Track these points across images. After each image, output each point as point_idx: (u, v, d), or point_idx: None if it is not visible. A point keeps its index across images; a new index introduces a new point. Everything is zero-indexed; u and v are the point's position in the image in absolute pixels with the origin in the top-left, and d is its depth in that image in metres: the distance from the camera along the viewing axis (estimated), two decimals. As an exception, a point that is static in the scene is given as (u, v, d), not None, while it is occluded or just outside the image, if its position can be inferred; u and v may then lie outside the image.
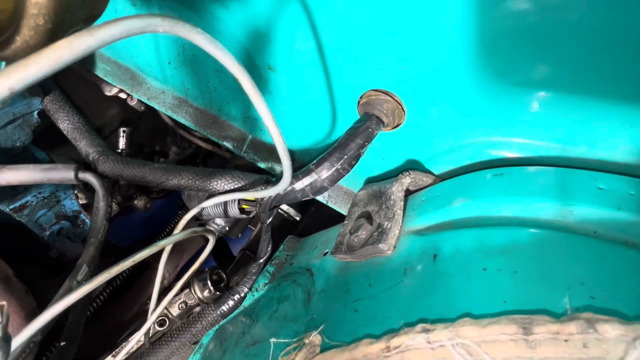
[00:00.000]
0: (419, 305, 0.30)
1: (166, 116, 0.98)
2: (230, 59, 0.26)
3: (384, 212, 0.47)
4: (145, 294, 1.07)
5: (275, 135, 0.33)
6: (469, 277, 0.30)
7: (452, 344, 0.23)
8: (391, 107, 0.47)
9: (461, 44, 0.39)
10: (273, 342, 0.39)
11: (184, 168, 0.54)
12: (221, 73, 0.58)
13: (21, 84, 0.15)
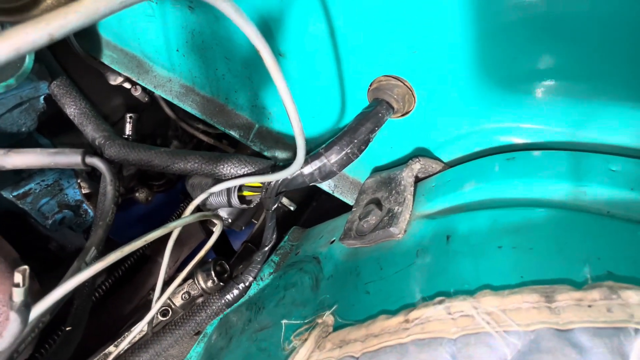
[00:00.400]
0: (435, 282, 0.30)
1: (169, 109, 0.97)
2: (252, 28, 0.26)
3: (394, 198, 0.47)
4: (145, 287, 1.06)
5: (291, 112, 0.33)
6: (484, 255, 0.30)
7: (476, 312, 0.23)
8: (402, 92, 0.47)
9: (470, 32, 0.40)
10: (284, 324, 0.39)
11: (190, 152, 0.54)
12: (230, 60, 0.58)
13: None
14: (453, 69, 0.44)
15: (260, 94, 0.61)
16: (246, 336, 0.52)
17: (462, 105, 0.46)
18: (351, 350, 0.29)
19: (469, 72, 0.43)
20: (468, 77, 0.44)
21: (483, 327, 0.22)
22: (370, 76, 0.48)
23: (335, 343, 0.31)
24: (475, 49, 0.42)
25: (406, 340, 0.25)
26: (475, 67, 0.43)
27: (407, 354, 0.24)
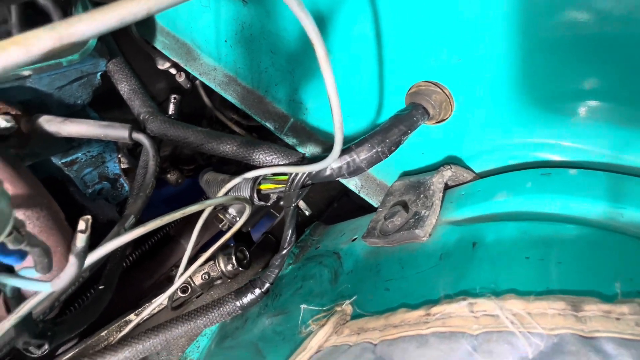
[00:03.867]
0: (459, 282, 0.30)
1: (206, 97, 1.02)
2: (310, 21, 0.28)
3: (421, 202, 0.47)
4: (165, 265, 1.10)
5: (334, 105, 0.34)
6: (510, 263, 0.31)
7: (501, 311, 0.23)
8: (440, 99, 0.48)
9: (517, 46, 0.40)
10: (303, 308, 0.41)
11: (226, 134, 0.57)
12: (275, 54, 0.61)
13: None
14: (495, 81, 0.44)
15: (300, 89, 0.63)
16: (262, 319, 0.54)
17: (501, 118, 0.46)
18: (369, 337, 0.30)
19: (511, 85, 0.44)
20: (510, 91, 0.44)
21: (506, 327, 0.23)
22: (410, 80, 0.49)
23: (353, 330, 0.32)
24: (521, 63, 0.42)
25: (426, 332, 0.26)
26: (519, 81, 0.43)
27: (427, 344, 0.25)
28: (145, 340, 0.54)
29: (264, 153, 0.53)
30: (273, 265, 0.57)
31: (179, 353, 0.75)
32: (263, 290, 0.56)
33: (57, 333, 0.44)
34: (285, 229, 0.55)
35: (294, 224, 0.55)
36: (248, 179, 0.55)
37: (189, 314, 0.57)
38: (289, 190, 0.52)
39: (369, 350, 0.28)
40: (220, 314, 0.56)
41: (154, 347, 0.54)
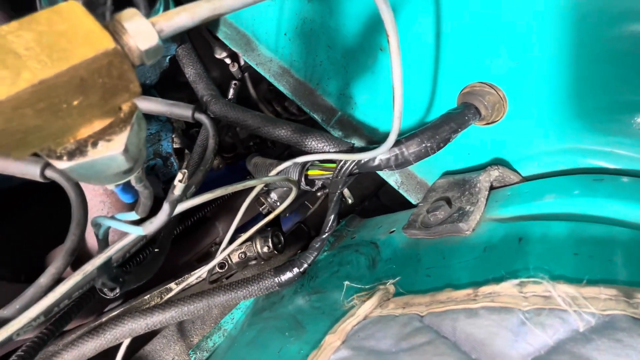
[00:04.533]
0: (506, 268, 0.32)
1: (252, 90, 1.07)
2: (390, 14, 0.30)
3: (466, 198, 0.49)
4: (201, 244, 1.16)
5: (397, 95, 0.37)
6: (559, 258, 0.32)
7: (553, 289, 0.25)
8: (493, 100, 0.49)
9: (577, 53, 0.41)
10: (346, 285, 0.43)
11: (281, 120, 0.60)
12: (332, 49, 0.64)
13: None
14: (551, 86, 0.45)
15: (351, 84, 0.65)
16: (298, 297, 0.57)
17: (553, 123, 0.47)
18: (416, 310, 0.32)
19: (567, 92, 0.44)
20: (565, 97, 0.45)
21: (558, 305, 0.24)
22: (463, 81, 0.51)
23: (398, 304, 0.34)
24: (578, 71, 0.42)
25: (475, 306, 0.28)
26: (575, 88, 0.44)
27: (477, 315, 0.27)
28: (190, 303, 0.58)
29: (315, 140, 0.56)
30: (312, 247, 0.59)
31: (212, 324, 0.80)
32: (301, 270, 0.59)
33: (126, 281, 0.49)
34: (328, 214, 0.58)
35: (337, 210, 0.57)
36: (297, 164, 0.58)
37: (230, 284, 0.61)
38: (335, 177, 0.55)
39: (416, 320, 0.30)
40: (259, 287, 0.59)
41: (197, 311, 0.58)
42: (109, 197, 0.54)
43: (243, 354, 0.48)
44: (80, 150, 0.18)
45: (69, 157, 0.18)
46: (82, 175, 0.19)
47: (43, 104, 0.15)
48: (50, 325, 0.50)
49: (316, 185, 0.62)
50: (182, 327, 0.78)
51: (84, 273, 0.34)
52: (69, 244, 0.42)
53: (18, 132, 0.15)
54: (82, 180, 0.20)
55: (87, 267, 0.34)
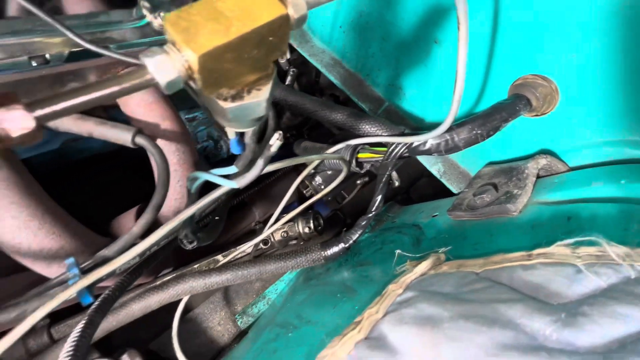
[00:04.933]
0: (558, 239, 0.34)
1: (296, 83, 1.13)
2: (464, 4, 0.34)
3: (513, 183, 0.52)
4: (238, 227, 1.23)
5: (459, 80, 0.40)
6: (608, 231, 0.34)
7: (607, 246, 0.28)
8: (545, 92, 0.51)
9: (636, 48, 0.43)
10: (398, 253, 0.47)
11: (337, 105, 0.65)
12: (386, 41, 0.68)
13: None
14: (607, 80, 0.47)
15: (402, 75, 0.69)
16: (345, 268, 0.61)
17: (606, 117, 0.49)
18: (471, 269, 0.35)
19: (623, 86, 0.46)
20: (621, 91, 0.47)
21: (613, 260, 0.27)
22: (516, 73, 0.53)
23: (452, 266, 0.38)
24: (635, 64, 0.44)
25: (530, 262, 0.31)
26: (631, 82, 0.46)
27: (533, 268, 0.30)
28: (243, 269, 0.64)
29: (369, 124, 0.61)
30: (358, 225, 0.64)
31: (254, 295, 0.86)
32: (346, 246, 0.63)
33: (201, 238, 0.55)
34: (376, 194, 0.62)
35: (385, 191, 0.61)
36: (350, 146, 0.62)
37: (280, 254, 0.66)
38: (386, 160, 0.59)
39: (473, 275, 0.34)
40: (307, 259, 0.64)
41: (249, 276, 0.64)
42: (181, 167, 0.61)
43: (297, 309, 0.53)
44: (240, 95, 0.23)
45: (232, 99, 0.23)
46: (235, 116, 0.24)
47: (236, 52, 0.20)
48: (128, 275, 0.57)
49: (364, 168, 0.66)
50: (227, 295, 0.84)
51: (180, 219, 0.39)
52: (155, 200, 0.49)
53: (216, 73, 0.20)
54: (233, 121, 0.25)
55: (182, 215, 0.40)
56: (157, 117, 0.58)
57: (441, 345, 0.24)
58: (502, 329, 0.24)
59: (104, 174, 0.88)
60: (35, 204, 0.46)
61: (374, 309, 0.33)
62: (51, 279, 0.42)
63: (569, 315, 0.23)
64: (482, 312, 0.26)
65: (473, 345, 0.23)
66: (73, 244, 0.49)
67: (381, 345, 0.27)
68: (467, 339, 0.24)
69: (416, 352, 0.25)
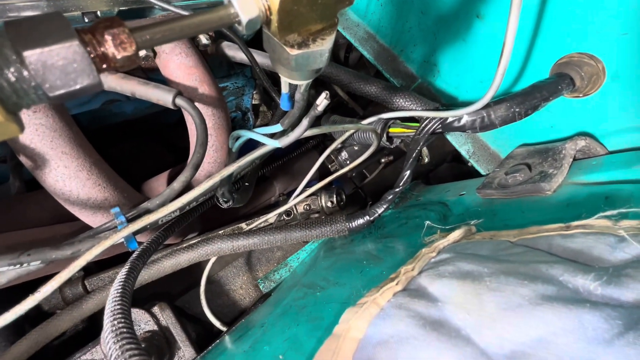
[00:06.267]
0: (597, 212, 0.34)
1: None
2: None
3: (548, 163, 0.51)
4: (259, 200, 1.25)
5: (506, 50, 0.40)
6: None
7: None
8: (591, 72, 0.50)
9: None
10: (427, 224, 0.47)
11: (372, 78, 0.65)
12: (424, 15, 0.66)
13: None
14: (658, 59, 0.45)
15: (438, 51, 0.68)
16: (369, 239, 0.62)
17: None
18: (505, 238, 0.35)
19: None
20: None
21: None
22: (562, 51, 0.52)
23: (485, 236, 0.38)
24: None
25: (569, 232, 0.31)
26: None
27: (573, 237, 0.30)
28: (270, 234, 0.66)
29: (403, 98, 0.60)
30: (385, 199, 0.64)
31: (275, 263, 0.89)
32: (371, 219, 0.65)
33: (235, 199, 0.57)
34: (405, 169, 0.62)
35: (414, 166, 0.61)
36: (381, 119, 0.62)
37: (305, 222, 0.68)
38: (418, 135, 0.59)
39: (508, 242, 0.34)
40: (332, 229, 0.65)
41: (275, 241, 0.66)
42: (215, 131, 0.63)
43: (324, 273, 0.55)
44: (305, 43, 0.24)
45: (298, 46, 0.24)
46: (298, 65, 0.25)
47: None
48: (163, 230, 0.59)
49: (394, 143, 0.66)
50: (250, 261, 0.88)
51: (222, 176, 0.41)
52: (194, 159, 0.50)
53: (291, 16, 0.21)
54: (295, 70, 0.26)
55: (225, 171, 0.41)
56: (195, 81, 0.60)
57: (483, 295, 0.25)
58: (544, 284, 0.24)
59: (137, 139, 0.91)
60: (84, 156, 0.48)
61: (409, 267, 0.35)
62: (101, 225, 0.44)
63: (612, 275, 0.23)
64: (522, 270, 0.27)
65: (516, 295, 0.24)
66: (116, 196, 0.51)
67: (421, 295, 0.28)
68: (510, 290, 0.25)
69: (458, 300, 0.26)
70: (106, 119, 0.87)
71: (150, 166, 0.91)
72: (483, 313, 0.24)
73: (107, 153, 0.89)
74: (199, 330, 0.73)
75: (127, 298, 0.36)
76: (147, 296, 0.80)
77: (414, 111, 0.59)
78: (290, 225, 0.69)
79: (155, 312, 0.65)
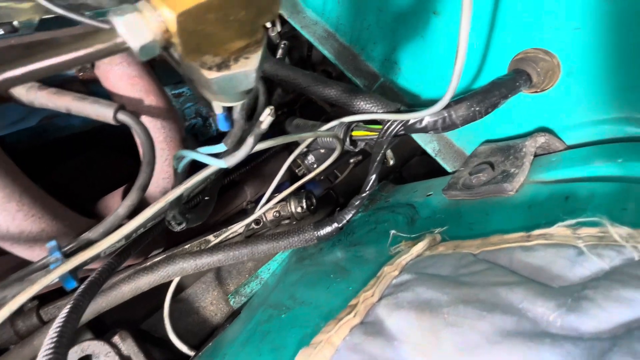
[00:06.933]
0: (555, 219, 0.34)
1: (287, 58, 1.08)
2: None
3: (510, 162, 0.50)
4: (230, 206, 1.21)
5: (460, 51, 0.38)
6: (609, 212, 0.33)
7: (610, 227, 0.27)
8: (547, 67, 0.49)
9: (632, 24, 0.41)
10: (392, 234, 0.46)
11: (331, 80, 0.62)
12: (382, 12, 0.64)
13: None
14: (611, 54, 0.45)
15: (398, 49, 0.66)
16: (337, 249, 0.60)
17: (609, 93, 0.47)
18: (468, 250, 0.34)
19: (625, 62, 0.44)
20: (624, 67, 0.45)
21: (615, 240, 0.26)
22: (518, 47, 0.51)
23: (448, 247, 0.37)
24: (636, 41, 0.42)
25: (530, 244, 0.30)
26: (632, 59, 0.44)
27: (533, 250, 0.29)
28: (235, 249, 0.63)
29: (364, 100, 0.58)
30: (352, 205, 0.63)
31: (247, 275, 0.86)
32: (339, 226, 0.63)
33: (190, 219, 0.53)
34: (370, 173, 0.60)
35: (379, 169, 0.60)
36: (344, 123, 0.60)
37: (272, 235, 0.65)
38: (381, 137, 0.57)
39: (470, 256, 0.33)
40: (300, 239, 0.63)
41: (241, 256, 0.63)
42: (167, 145, 0.58)
43: (291, 290, 0.52)
44: (226, 64, 0.21)
45: (217, 68, 0.21)
46: (221, 88, 0.22)
47: (220, 12, 0.17)
48: (115, 257, 0.55)
49: (358, 146, 0.64)
50: (220, 275, 0.84)
51: (166, 201, 0.37)
52: (141, 180, 0.46)
53: (198, 36, 0.18)
54: (220, 93, 0.22)
55: (169, 196, 0.38)
56: (140, 92, 0.55)
57: (441, 332, 0.24)
58: (503, 314, 0.23)
59: (88, 153, 0.85)
60: (11, 185, 0.43)
61: (369, 292, 0.33)
62: (33, 263, 0.40)
63: (572, 299, 0.22)
64: (482, 296, 0.25)
65: (474, 331, 0.23)
66: (55, 226, 0.47)
67: (378, 331, 0.26)
68: (467, 325, 0.23)
69: (415, 339, 0.25)
70: (51, 133, 0.80)
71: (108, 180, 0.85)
72: (440, 355, 0.23)
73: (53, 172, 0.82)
74: (167, 355, 0.69)
75: (62, 348, 0.32)
76: (111, 322, 0.75)
77: (375, 114, 0.58)
78: (256, 238, 0.66)
79: (116, 342, 0.61)
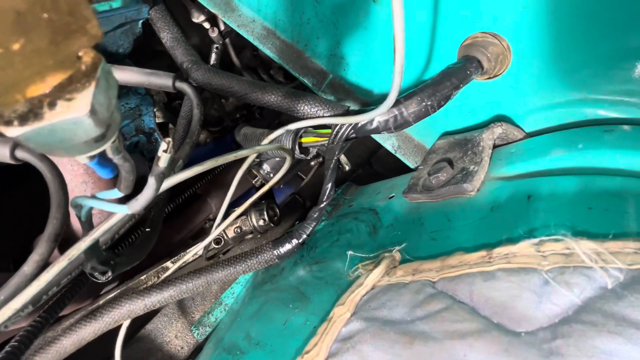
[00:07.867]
0: (517, 228, 0.30)
1: (235, 57, 1.01)
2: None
3: (469, 158, 0.47)
4: (193, 222, 1.14)
5: (398, 45, 0.33)
6: (572, 213, 0.30)
7: (577, 246, 0.23)
8: (496, 51, 0.46)
9: None
10: (350, 255, 0.42)
11: (270, 85, 0.56)
12: (320, 4, 0.59)
13: None
14: (560, 34, 0.42)
15: (342, 43, 0.61)
16: (299, 268, 0.56)
17: (562, 74, 0.44)
18: (426, 276, 0.30)
19: (576, 40, 0.41)
20: (575, 44, 0.42)
21: (582, 262, 0.23)
22: (465, 31, 0.47)
23: (407, 271, 0.33)
24: (586, 17, 0.39)
25: (491, 268, 0.26)
26: (583, 36, 0.41)
27: (495, 278, 0.26)
28: (188, 281, 0.57)
29: (308, 104, 0.53)
30: (310, 217, 0.58)
31: (212, 300, 0.80)
32: (300, 242, 0.58)
33: (118, 264, 0.47)
34: (325, 182, 0.55)
35: (334, 177, 0.55)
36: (290, 131, 0.55)
37: (228, 259, 0.59)
38: (331, 143, 0.52)
39: (429, 286, 0.29)
40: (259, 261, 0.58)
41: (195, 288, 0.57)
42: (90, 177, 0.51)
43: (247, 327, 0.47)
44: (35, 112, 0.15)
45: (20, 121, 0.14)
46: (43, 145, 0.16)
47: None
48: (43, 313, 0.48)
49: (311, 153, 0.59)
50: (183, 304, 0.78)
51: (69, 258, 0.31)
52: (50, 229, 0.39)
53: None
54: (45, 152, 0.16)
55: (71, 252, 0.31)
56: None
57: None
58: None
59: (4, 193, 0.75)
60: None
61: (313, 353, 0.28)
62: None
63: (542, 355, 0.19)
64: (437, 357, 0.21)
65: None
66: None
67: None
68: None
69: None
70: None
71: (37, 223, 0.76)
72: None
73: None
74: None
75: None
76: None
77: (322, 118, 0.52)
78: (211, 266, 0.60)
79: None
